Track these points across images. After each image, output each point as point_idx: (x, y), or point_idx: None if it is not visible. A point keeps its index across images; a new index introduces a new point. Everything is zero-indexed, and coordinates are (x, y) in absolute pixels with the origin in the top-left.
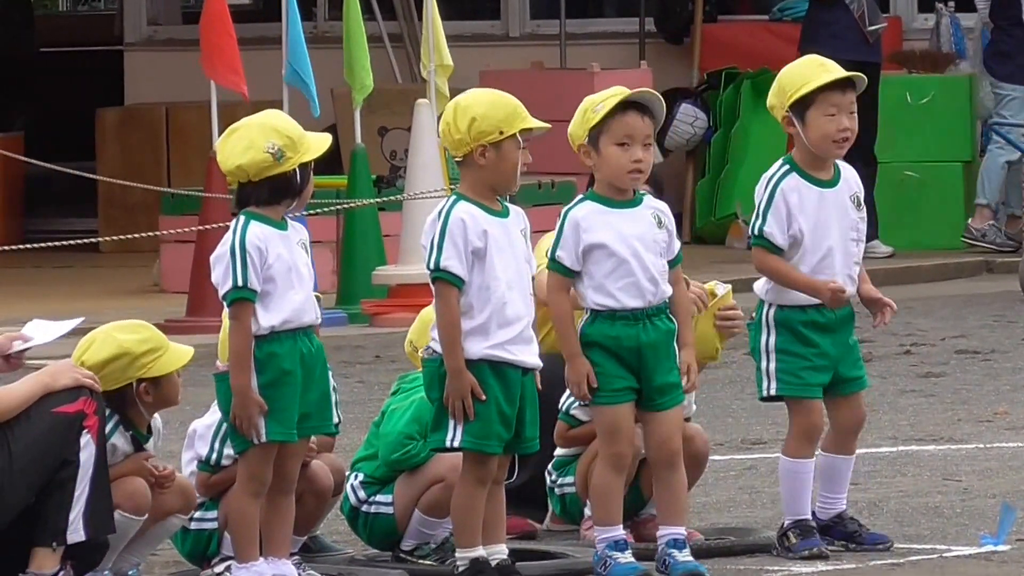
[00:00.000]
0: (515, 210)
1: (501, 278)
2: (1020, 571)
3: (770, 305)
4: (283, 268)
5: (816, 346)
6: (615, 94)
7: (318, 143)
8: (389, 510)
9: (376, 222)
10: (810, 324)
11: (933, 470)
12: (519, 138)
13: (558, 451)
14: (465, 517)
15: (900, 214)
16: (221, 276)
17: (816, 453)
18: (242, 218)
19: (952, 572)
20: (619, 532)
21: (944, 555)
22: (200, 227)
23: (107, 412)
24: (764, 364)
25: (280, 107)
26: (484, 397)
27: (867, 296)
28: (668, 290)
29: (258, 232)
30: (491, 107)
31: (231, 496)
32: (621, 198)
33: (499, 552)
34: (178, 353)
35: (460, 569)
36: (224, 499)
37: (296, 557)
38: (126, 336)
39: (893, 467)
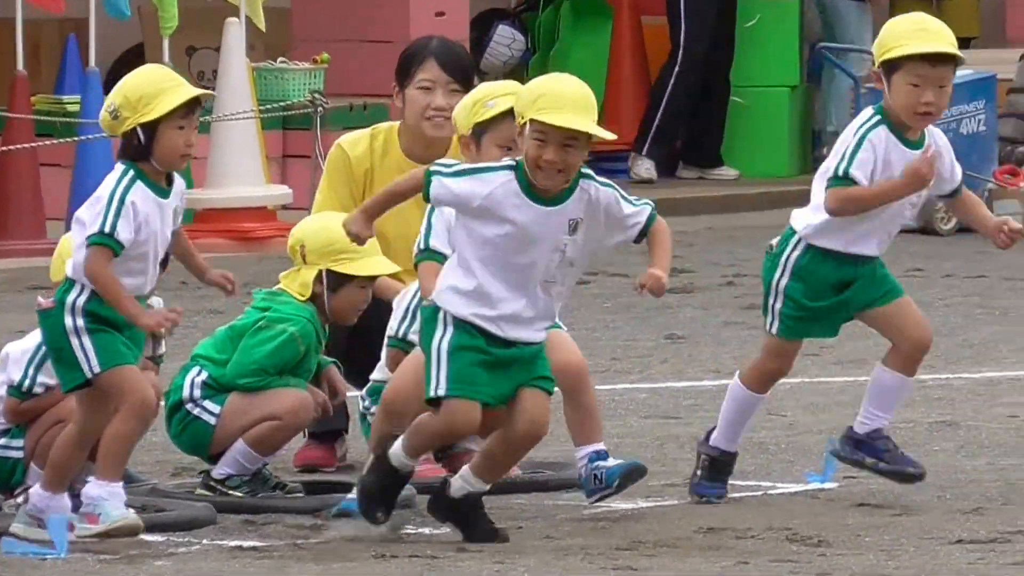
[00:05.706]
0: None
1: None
2: (846, 509)
3: (797, 244)
4: (145, 242)
5: (827, 303)
6: (511, 93)
7: (166, 101)
8: (212, 420)
9: None
10: (831, 284)
11: None
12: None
13: (372, 376)
14: (423, 441)
15: (726, 140)
16: (91, 217)
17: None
18: (130, 173)
19: (777, 509)
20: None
21: (769, 492)
22: (2, 147)
23: None
24: (771, 301)
25: (87, 24)
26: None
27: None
28: None
29: (141, 196)
30: None
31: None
32: None
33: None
34: None
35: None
36: (52, 427)
37: None
38: None
39: (715, 401)
